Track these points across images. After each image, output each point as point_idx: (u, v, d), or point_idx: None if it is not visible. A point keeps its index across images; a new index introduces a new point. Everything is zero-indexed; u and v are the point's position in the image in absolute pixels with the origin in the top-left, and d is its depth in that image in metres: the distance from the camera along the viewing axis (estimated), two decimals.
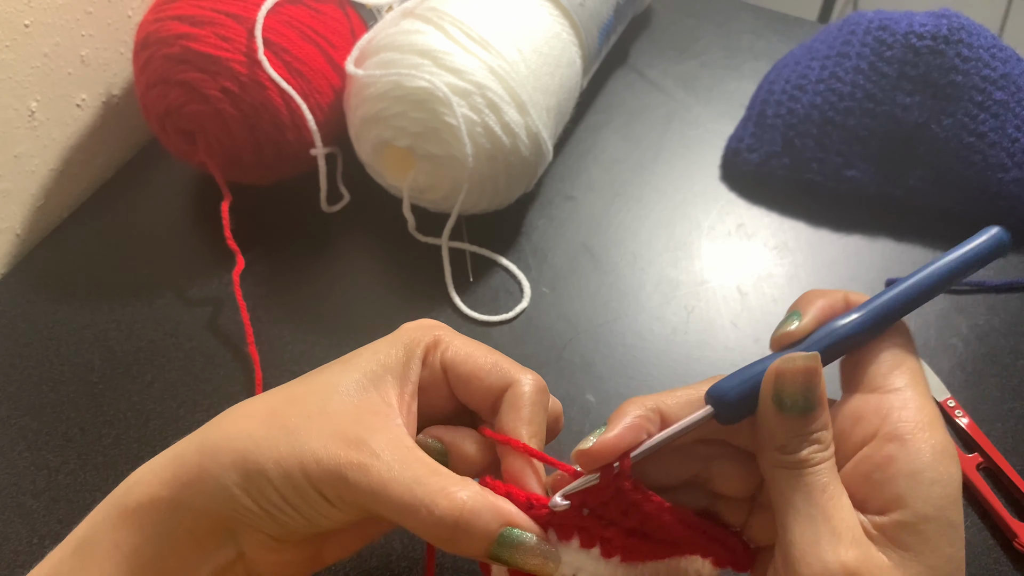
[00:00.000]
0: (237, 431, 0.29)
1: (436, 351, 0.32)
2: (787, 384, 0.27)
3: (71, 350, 0.51)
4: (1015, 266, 0.56)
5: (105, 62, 0.59)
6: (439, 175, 0.51)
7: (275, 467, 0.28)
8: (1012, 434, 0.47)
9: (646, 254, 0.57)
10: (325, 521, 0.29)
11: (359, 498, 0.28)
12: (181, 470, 0.29)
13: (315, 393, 0.30)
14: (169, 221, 0.58)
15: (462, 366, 0.32)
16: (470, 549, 0.27)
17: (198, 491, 0.29)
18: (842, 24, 0.61)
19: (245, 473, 0.28)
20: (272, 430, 0.29)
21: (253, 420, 0.30)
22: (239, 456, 0.28)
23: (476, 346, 0.33)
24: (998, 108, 0.55)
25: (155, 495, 0.29)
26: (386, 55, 0.50)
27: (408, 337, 0.32)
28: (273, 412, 0.30)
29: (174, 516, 0.29)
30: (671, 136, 0.65)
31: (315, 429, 0.29)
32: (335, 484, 0.28)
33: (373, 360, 0.31)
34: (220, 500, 0.28)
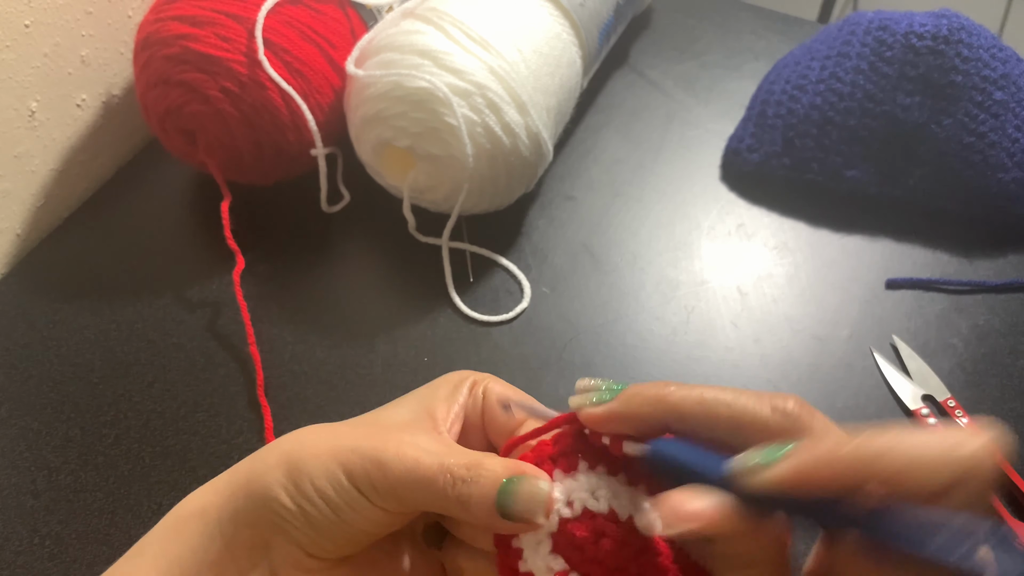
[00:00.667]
0: (287, 438, 0.31)
1: (479, 386, 0.33)
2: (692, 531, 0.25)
3: (71, 350, 0.51)
4: (1014, 266, 0.56)
5: (105, 62, 0.59)
6: (439, 175, 0.51)
7: (313, 460, 0.29)
8: (1012, 434, 0.47)
9: (646, 254, 0.57)
10: (357, 518, 0.29)
11: (394, 482, 0.28)
12: (233, 476, 0.30)
13: (369, 414, 0.32)
14: (169, 221, 0.58)
15: (495, 408, 0.33)
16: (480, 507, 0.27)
17: (244, 493, 0.29)
18: (842, 24, 0.61)
19: (287, 470, 0.29)
20: (317, 433, 0.30)
21: (303, 432, 0.31)
22: (283, 455, 0.29)
23: (513, 389, 0.34)
24: (998, 108, 0.55)
25: (205, 502, 0.30)
26: (386, 55, 0.50)
27: (458, 376, 0.33)
28: (323, 426, 0.31)
29: (217, 525, 0.30)
30: (671, 136, 0.65)
31: (356, 431, 0.30)
32: (370, 471, 0.28)
33: (425, 395, 0.33)
34: (262, 501, 0.29)
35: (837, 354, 0.51)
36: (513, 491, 0.27)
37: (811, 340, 0.52)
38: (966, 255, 0.56)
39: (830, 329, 0.53)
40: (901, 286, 0.55)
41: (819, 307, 0.54)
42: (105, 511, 0.44)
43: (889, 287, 0.55)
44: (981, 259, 0.56)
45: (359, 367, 0.50)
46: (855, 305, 0.54)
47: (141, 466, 0.46)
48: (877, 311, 0.54)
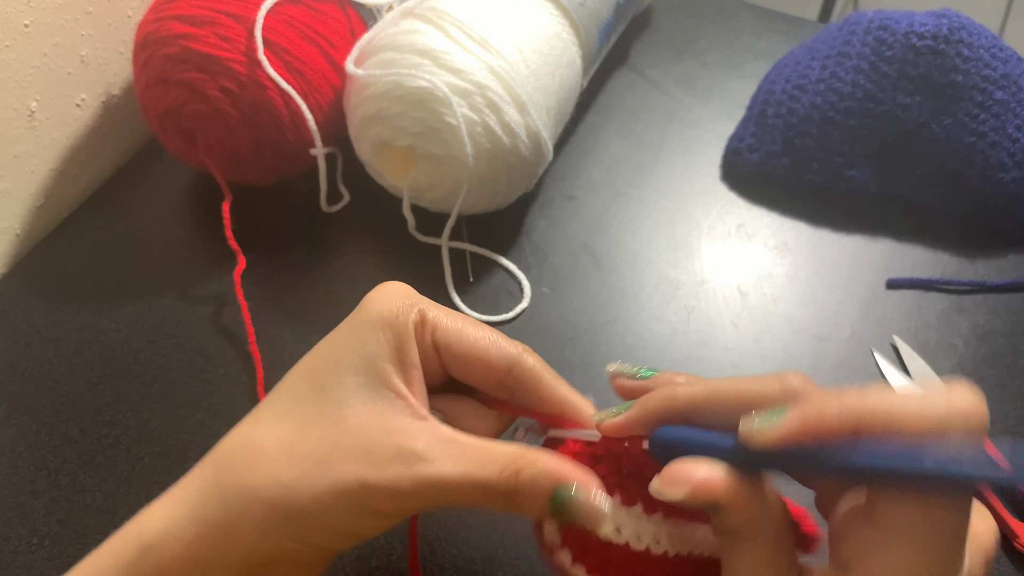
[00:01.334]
0: (261, 479, 0.28)
1: (425, 330, 0.31)
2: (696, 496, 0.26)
3: (71, 350, 0.51)
4: (1015, 266, 0.56)
5: (105, 62, 0.59)
6: (439, 175, 0.51)
7: (315, 505, 0.27)
8: (1012, 434, 0.47)
9: (646, 254, 0.57)
10: (375, 532, 0.29)
11: (419, 503, 0.28)
12: (206, 528, 0.28)
13: (325, 415, 0.29)
14: (169, 221, 0.58)
15: (457, 346, 0.31)
16: (532, 510, 0.28)
17: (229, 549, 0.28)
18: (842, 24, 0.61)
19: (284, 520, 0.27)
20: (300, 467, 0.28)
21: (271, 461, 0.28)
22: (272, 507, 0.27)
23: (463, 321, 0.32)
24: (998, 108, 0.55)
25: (178, 555, 0.28)
26: (386, 55, 0.50)
27: (389, 315, 0.30)
28: (290, 446, 0.28)
29: (201, 573, 0.28)
30: (671, 136, 0.65)
31: (344, 453, 0.28)
32: (391, 499, 0.27)
33: (364, 353, 0.30)
34: (256, 549, 0.28)
35: (837, 354, 0.51)
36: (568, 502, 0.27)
37: (811, 340, 0.52)
38: (967, 255, 0.56)
39: (830, 329, 0.53)
40: (901, 286, 0.55)
41: (819, 307, 0.54)
42: (104, 511, 0.44)
43: (889, 287, 0.55)
44: (982, 259, 0.56)
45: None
46: (855, 305, 0.54)
47: (140, 466, 0.46)
48: (877, 311, 0.54)
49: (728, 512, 0.25)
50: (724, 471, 0.25)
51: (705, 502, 0.25)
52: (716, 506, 0.25)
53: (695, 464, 0.26)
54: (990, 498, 0.44)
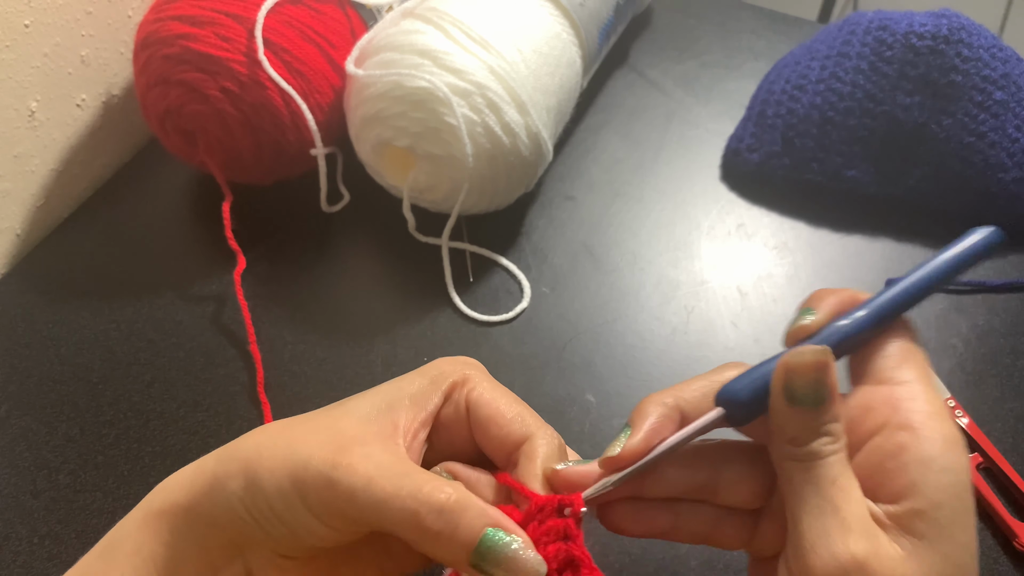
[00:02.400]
0: (248, 442, 0.30)
1: (463, 388, 0.32)
2: (797, 377, 0.27)
3: (71, 350, 0.51)
4: (1015, 266, 0.56)
5: (105, 62, 0.59)
6: (439, 175, 0.51)
7: (268, 475, 0.28)
8: (1012, 434, 0.47)
9: (646, 254, 0.57)
10: (310, 537, 0.28)
11: (342, 502, 0.27)
12: (199, 478, 0.29)
13: (330, 415, 0.31)
14: (169, 221, 0.58)
15: (484, 408, 0.31)
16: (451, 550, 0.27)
17: (209, 499, 0.29)
18: (842, 24, 0.61)
19: (244, 482, 0.28)
20: (275, 441, 0.29)
21: (263, 434, 0.30)
22: (243, 464, 0.28)
23: (503, 392, 0.32)
24: (998, 108, 0.55)
25: (175, 501, 0.29)
26: (386, 55, 0.50)
27: (438, 370, 0.32)
28: (284, 428, 0.30)
29: (188, 524, 0.29)
30: (671, 136, 0.65)
31: (311, 438, 0.29)
32: (321, 490, 0.27)
33: (395, 387, 0.31)
34: (225, 508, 0.28)
35: None
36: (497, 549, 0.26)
37: None
38: None
39: None
40: None
41: None
42: (104, 511, 0.44)
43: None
44: None
45: (359, 367, 0.50)
46: None
47: (140, 466, 0.46)
48: None
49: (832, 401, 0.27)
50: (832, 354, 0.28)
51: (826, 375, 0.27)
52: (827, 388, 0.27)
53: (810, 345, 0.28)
54: (990, 498, 0.44)
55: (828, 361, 0.27)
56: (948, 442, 0.27)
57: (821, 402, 0.27)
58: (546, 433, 0.31)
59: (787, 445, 0.28)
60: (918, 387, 0.28)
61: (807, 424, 0.27)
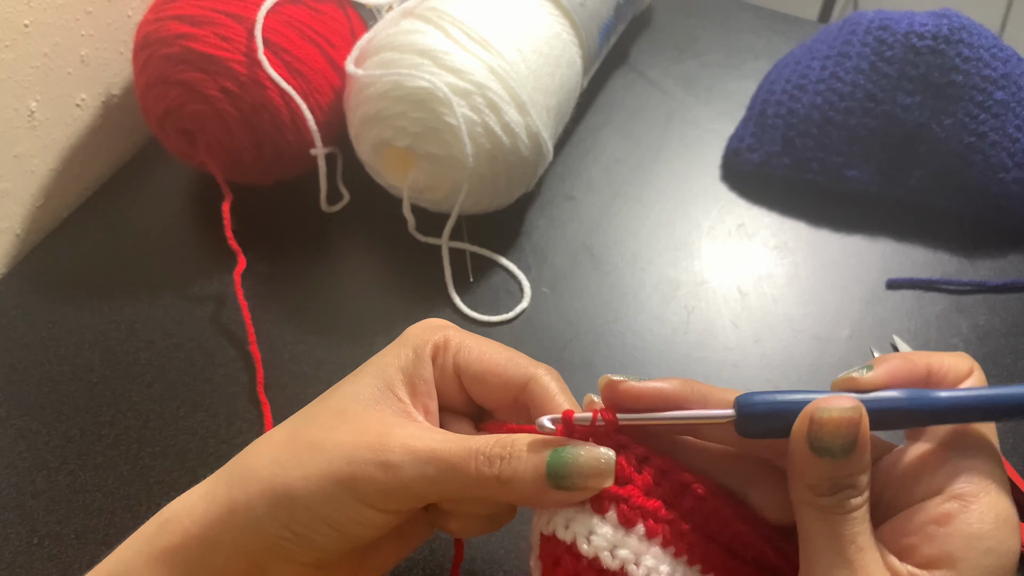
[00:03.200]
0: (261, 459, 0.29)
1: (447, 352, 0.32)
2: (824, 430, 0.26)
3: (71, 350, 0.51)
4: (1015, 266, 0.56)
5: (105, 62, 0.59)
6: (439, 175, 0.51)
7: (303, 484, 0.27)
8: (1012, 434, 0.47)
9: (646, 254, 0.57)
10: (364, 529, 0.28)
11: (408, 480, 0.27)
12: (212, 506, 0.29)
13: (331, 408, 0.30)
14: (169, 221, 0.58)
15: (475, 365, 0.31)
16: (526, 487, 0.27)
17: (229, 526, 0.28)
18: (842, 24, 0.61)
19: (274, 499, 0.28)
20: (295, 449, 0.29)
21: (275, 446, 0.30)
22: (266, 483, 0.28)
23: (487, 343, 0.32)
24: (998, 108, 0.55)
25: (186, 533, 0.29)
26: (386, 55, 0.50)
27: (416, 339, 0.32)
28: (293, 434, 0.30)
29: (205, 557, 0.29)
30: (671, 136, 0.65)
31: (338, 437, 0.28)
32: (375, 477, 0.27)
33: (382, 365, 0.31)
34: (251, 532, 0.28)
35: (837, 354, 0.51)
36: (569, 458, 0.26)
37: (811, 340, 0.52)
38: (966, 255, 0.56)
39: (830, 329, 0.53)
40: (901, 286, 0.55)
41: (819, 307, 0.54)
42: (104, 511, 0.44)
43: (889, 287, 0.55)
44: (981, 259, 0.56)
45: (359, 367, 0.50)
46: (855, 305, 0.54)
47: (140, 466, 0.46)
48: (877, 311, 0.54)
49: (859, 452, 0.26)
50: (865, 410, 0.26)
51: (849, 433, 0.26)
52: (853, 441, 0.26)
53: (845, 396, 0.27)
54: None
55: (857, 419, 0.26)
56: (1000, 522, 0.26)
57: (849, 453, 0.26)
58: (545, 370, 0.31)
59: (806, 490, 0.27)
60: (981, 458, 0.27)
61: (830, 474, 0.26)
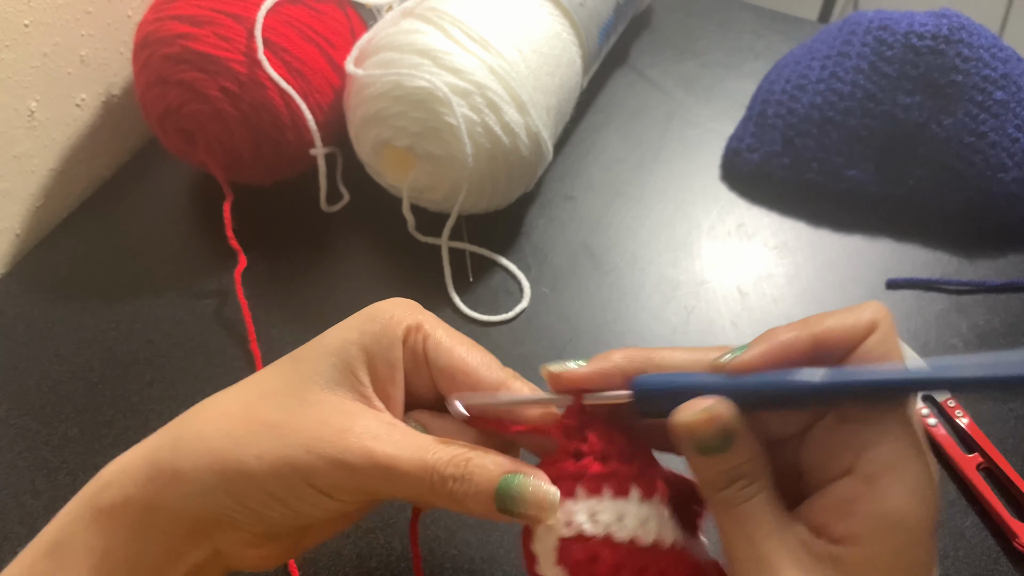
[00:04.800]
0: (213, 430, 0.29)
1: (417, 334, 0.31)
2: (697, 432, 0.26)
3: (71, 350, 0.51)
4: (1015, 266, 0.56)
5: (105, 62, 0.59)
6: (439, 175, 0.51)
7: (258, 463, 0.27)
8: (1012, 434, 0.47)
9: (646, 254, 0.57)
10: (318, 512, 0.28)
11: (364, 481, 0.27)
12: (155, 471, 0.29)
13: (289, 386, 0.30)
14: (169, 221, 0.58)
15: (446, 358, 0.31)
16: (474, 504, 0.27)
17: (174, 493, 0.28)
18: (842, 24, 0.61)
19: (224, 473, 0.28)
20: (251, 426, 0.28)
21: (229, 418, 0.29)
22: (216, 457, 0.28)
23: (461, 339, 0.32)
24: (998, 108, 0.55)
25: (129, 496, 0.29)
26: (386, 55, 0.50)
27: (387, 314, 0.31)
28: (249, 408, 0.29)
29: (148, 517, 0.28)
30: (671, 136, 0.65)
31: (297, 422, 0.28)
32: (333, 473, 0.27)
33: (345, 341, 0.30)
34: (198, 501, 0.28)
35: None
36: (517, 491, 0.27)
37: None
38: (966, 255, 0.56)
39: None
40: (901, 286, 0.55)
41: (819, 307, 0.54)
42: None
43: (889, 287, 0.55)
44: (981, 259, 0.56)
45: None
46: None
47: None
48: None
49: (738, 446, 0.26)
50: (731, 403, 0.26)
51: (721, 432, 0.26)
52: (729, 438, 0.26)
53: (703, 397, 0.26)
54: (990, 498, 0.44)
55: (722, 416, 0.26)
56: (907, 493, 0.25)
57: (728, 447, 0.26)
58: (516, 379, 0.32)
59: (706, 488, 0.27)
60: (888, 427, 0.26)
61: (717, 470, 0.27)
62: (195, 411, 0.31)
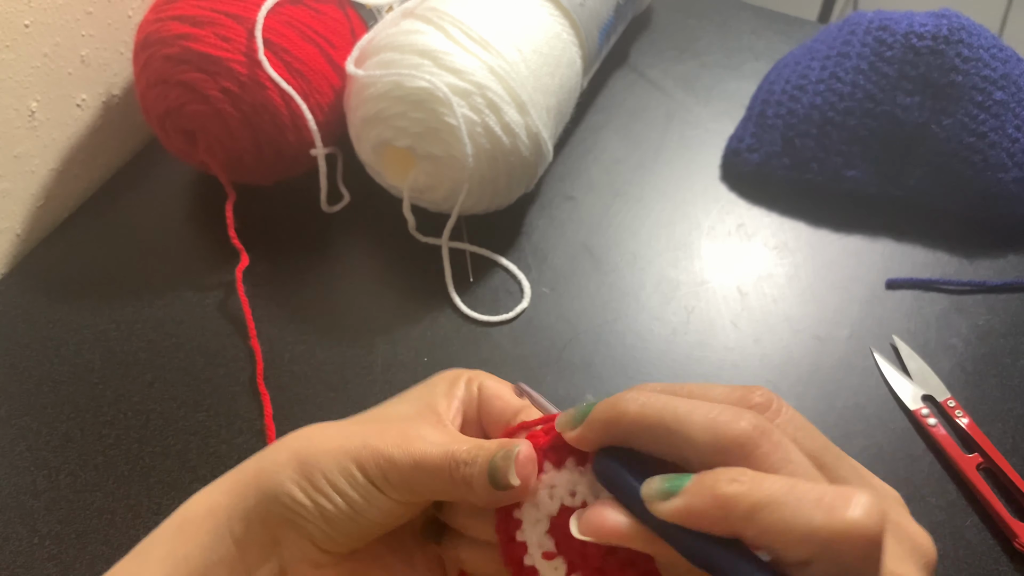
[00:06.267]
0: (293, 436, 0.32)
1: (473, 383, 0.35)
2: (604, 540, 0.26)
3: (71, 350, 0.51)
4: (1015, 266, 0.56)
5: (105, 62, 0.59)
6: (439, 175, 0.51)
7: (325, 456, 0.30)
8: (1012, 434, 0.47)
9: (646, 254, 0.57)
10: (370, 510, 0.30)
11: (403, 473, 0.29)
12: (240, 476, 0.31)
13: (373, 410, 0.33)
14: (169, 221, 0.58)
15: (488, 391, 0.34)
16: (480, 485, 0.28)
17: (254, 490, 0.30)
18: (842, 24, 0.61)
19: (299, 466, 0.30)
20: (327, 430, 0.31)
21: (314, 428, 0.32)
22: (293, 453, 0.30)
23: (502, 385, 0.35)
24: (998, 108, 0.55)
25: (213, 503, 0.31)
26: (386, 55, 0.50)
27: (453, 373, 0.35)
28: (332, 424, 0.32)
29: (227, 523, 0.30)
30: (671, 136, 0.65)
31: (369, 427, 0.31)
32: (382, 465, 0.29)
33: (423, 391, 0.34)
34: (273, 496, 0.30)
35: (837, 354, 0.51)
36: (498, 462, 0.29)
37: (811, 340, 0.52)
38: (966, 255, 0.56)
39: (830, 329, 0.53)
40: (901, 286, 0.55)
41: (819, 307, 0.54)
42: (105, 511, 0.44)
43: (889, 287, 0.55)
44: (981, 259, 0.56)
45: (359, 367, 0.50)
46: (855, 305, 0.54)
47: (141, 466, 0.46)
48: (877, 311, 0.54)
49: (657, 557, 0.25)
50: (627, 523, 0.25)
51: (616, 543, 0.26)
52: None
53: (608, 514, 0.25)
54: (990, 498, 0.44)
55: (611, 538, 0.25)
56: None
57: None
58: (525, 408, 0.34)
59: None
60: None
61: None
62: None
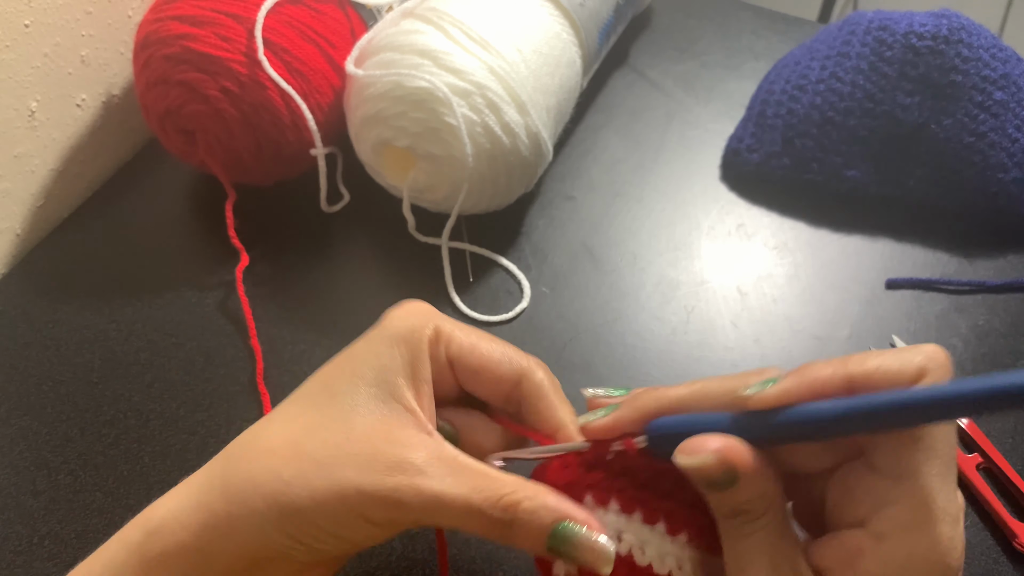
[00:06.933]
0: (262, 470, 0.29)
1: (439, 345, 0.32)
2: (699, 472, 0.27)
3: (71, 350, 0.51)
4: (1015, 266, 0.56)
5: (105, 62, 0.59)
6: (439, 175, 0.52)
7: (311, 503, 0.28)
8: (1012, 434, 0.47)
9: (646, 254, 0.57)
10: (370, 541, 0.29)
11: (414, 516, 0.28)
12: (210, 519, 0.29)
13: (334, 420, 0.30)
14: (169, 221, 0.58)
15: (469, 358, 0.32)
16: (526, 544, 0.28)
17: (231, 540, 0.28)
18: (842, 24, 0.61)
19: (280, 515, 0.28)
20: (301, 465, 0.28)
21: (276, 457, 0.29)
22: (271, 500, 0.28)
23: (478, 336, 0.33)
24: (998, 108, 0.55)
25: (182, 543, 0.29)
26: (386, 55, 0.50)
27: (406, 331, 0.31)
28: (296, 445, 0.29)
29: (205, 562, 0.29)
30: (671, 136, 0.65)
31: (347, 458, 0.28)
32: (385, 509, 0.27)
33: (379, 366, 0.30)
34: (255, 544, 0.28)
35: (837, 354, 0.51)
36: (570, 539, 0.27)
37: (811, 340, 0.52)
38: (966, 255, 0.56)
39: (830, 329, 0.53)
40: (901, 286, 0.55)
41: (819, 307, 0.54)
42: (104, 511, 0.44)
43: (889, 287, 0.55)
44: (981, 259, 0.56)
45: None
46: (855, 305, 0.54)
47: (140, 466, 0.46)
48: (877, 311, 0.54)
49: (743, 484, 0.26)
50: (739, 440, 0.26)
51: (725, 471, 0.26)
52: (733, 476, 0.26)
53: (710, 436, 0.26)
54: (990, 498, 0.44)
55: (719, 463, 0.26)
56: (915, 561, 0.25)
57: (732, 486, 0.26)
58: (533, 365, 0.32)
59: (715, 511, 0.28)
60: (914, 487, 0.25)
61: (723, 502, 0.27)
62: (238, 448, 0.31)
